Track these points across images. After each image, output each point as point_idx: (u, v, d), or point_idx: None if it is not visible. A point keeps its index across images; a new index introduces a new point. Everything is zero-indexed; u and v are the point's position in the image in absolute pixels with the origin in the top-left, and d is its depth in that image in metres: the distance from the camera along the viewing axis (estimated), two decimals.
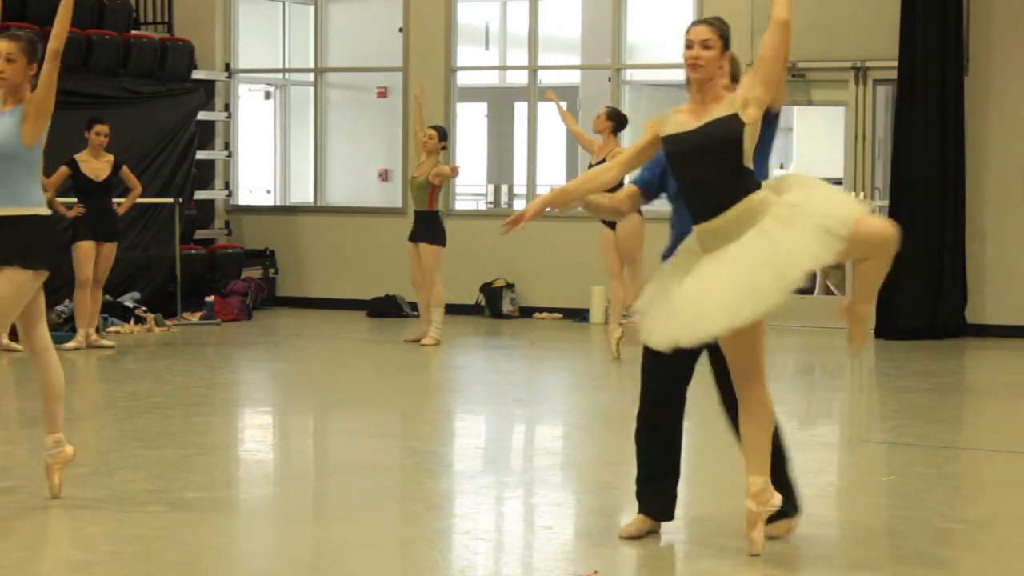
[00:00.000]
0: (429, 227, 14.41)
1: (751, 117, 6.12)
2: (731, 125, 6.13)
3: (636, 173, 6.75)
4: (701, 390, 6.76)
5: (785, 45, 6.12)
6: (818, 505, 7.75)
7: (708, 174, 6.16)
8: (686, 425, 6.08)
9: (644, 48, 18.12)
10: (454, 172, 14.65)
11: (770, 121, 6.35)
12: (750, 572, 6.16)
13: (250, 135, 19.30)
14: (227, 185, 18.65)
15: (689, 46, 6.20)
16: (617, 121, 13.38)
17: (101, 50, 16.26)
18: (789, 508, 6.46)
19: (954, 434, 10.23)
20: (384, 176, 19.18)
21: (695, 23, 6.30)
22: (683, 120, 6.25)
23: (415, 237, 14.46)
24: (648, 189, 6.71)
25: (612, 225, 13.03)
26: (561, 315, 16.91)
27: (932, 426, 10.19)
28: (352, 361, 13.77)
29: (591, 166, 13.27)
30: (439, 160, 14.60)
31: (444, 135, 14.73)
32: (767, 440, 6.21)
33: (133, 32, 17.24)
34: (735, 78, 6.33)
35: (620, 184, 6.97)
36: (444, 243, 14.47)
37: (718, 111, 6.17)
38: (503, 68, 21.30)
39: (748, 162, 6.14)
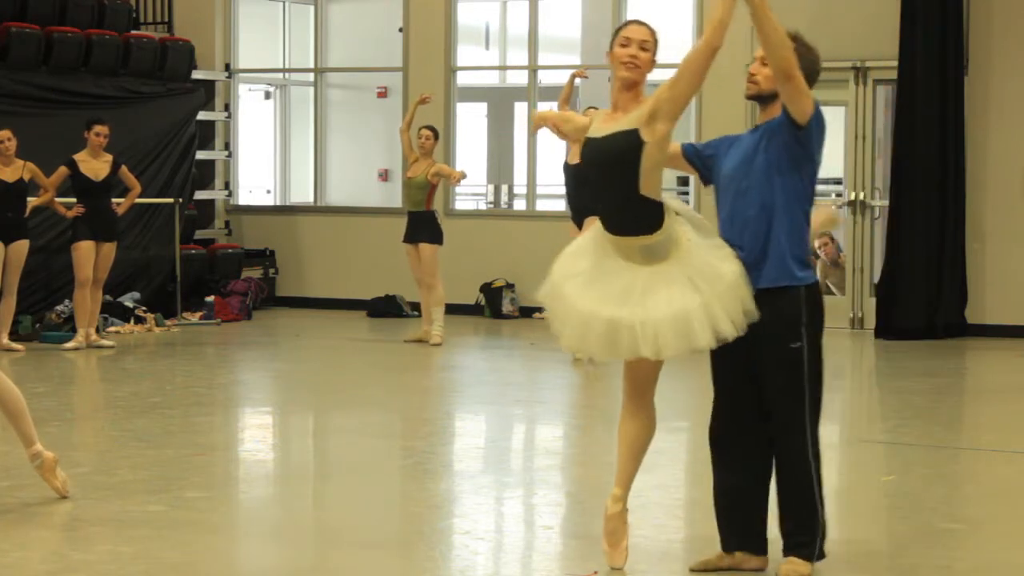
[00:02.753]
0: (428, 227, 14.45)
1: (657, 133, 5.80)
2: (628, 141, 5.83)
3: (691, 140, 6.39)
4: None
5: (705, 71, 5.78)
6: None
7: (606, 190, 5.96)
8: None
9: None
10: (463, 176, 14.69)
11: (801, 136, 5.87)
12: (750, 573, 6.16)
13: (250, 135, 19.30)
14: (227, 185, 18.65)
15: (626, 44, 5.89)
16: None
17: (101, 50, 16.25)
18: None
19: (954, 434, 10.22)
20: (384, 176, 19.19)
21: (633, 22, 6.00)
22: (599, 125, 5.99)
23: (414, 238, 14.48)
24: (688, 155, 6.20)
25: (580, 225, 13.10)
26: None
27: (932, 426, 10.18)
28: (352, 361, 13.77)
29: (567, 163, 13.29)
30: (434, 159, 14.67)
31: (438, 134, 14.82)
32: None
33: (133, 32, 17.23)
34: (812, 73, 5.93)
35: None
36: (442, 241, 14.52)
37: (625, 121, 5.86)
38: (503, 68, 21.30)
39: (648, 188, 5.84)
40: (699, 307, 5.80)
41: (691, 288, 5.83)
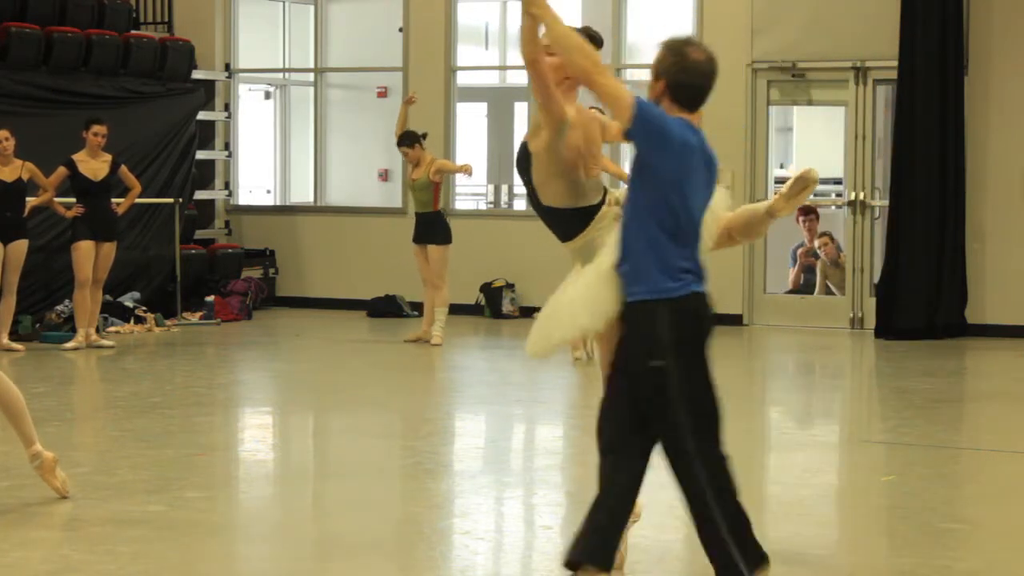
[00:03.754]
0: (436, 227, 14.47)
1: (541, 142, 5.69)
2: (523, 154, 5.81)
3: None
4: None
5: (541, 82, 5.61)
6: (818, 505, 7.76)
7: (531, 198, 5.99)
8: None
9: (644, 48, 18.11)
10: (469, 169, 14.70)
11: (631, 139, 5.51)
12: None
13: (250, 135, 19.30)
14: (227, 185, 18.65)
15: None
16: None
17: (101, 50, 16.25)
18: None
19: (954, 434, 10.23)
20: (384, 176, 19.18)
21: None
22: None
23: (423, 239, 14.50)
24: None
25: None
26: None
27: (932, 426, 10.18)
28: (352, 361, 13.77)
29: None
30: (433, 157, 14.69)
31: (418, 140, 14.58)
32: None
33: (133, 32, 17.23)
34: (676, 73, 5.76)
35: None
36: (451, 241, 14.55)
37: (527, 134, 5.87)
38: (503, 68, 21.29)
39: (550, 199, 5.75)
40: (566, 303, 5.67)
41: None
